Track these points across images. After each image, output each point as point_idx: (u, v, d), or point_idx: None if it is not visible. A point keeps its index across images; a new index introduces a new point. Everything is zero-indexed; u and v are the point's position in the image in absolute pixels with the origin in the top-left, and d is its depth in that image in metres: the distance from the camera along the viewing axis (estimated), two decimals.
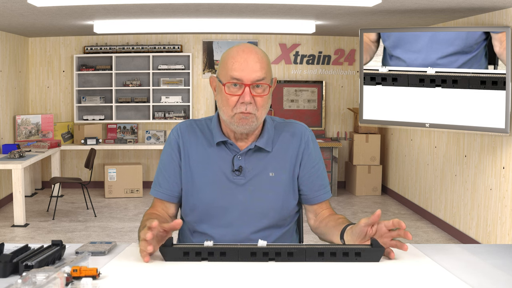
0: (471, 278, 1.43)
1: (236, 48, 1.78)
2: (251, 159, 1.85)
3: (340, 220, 1.82)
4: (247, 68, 1.72)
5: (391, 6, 4.67)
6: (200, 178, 1.85)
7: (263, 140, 1.85)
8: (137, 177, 7.40)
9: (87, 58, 7.71)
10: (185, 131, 1.91)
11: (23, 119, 7.23)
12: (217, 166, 1.85)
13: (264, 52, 1.80)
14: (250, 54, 1.74)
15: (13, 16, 5.34)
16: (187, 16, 5.74)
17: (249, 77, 1.72)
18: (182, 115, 7.78)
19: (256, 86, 1.74)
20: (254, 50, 1.76)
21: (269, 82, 1.78)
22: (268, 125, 1.89)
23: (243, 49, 1.76)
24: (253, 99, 1.74)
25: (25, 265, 1.39)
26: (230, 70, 1.74)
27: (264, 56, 1.77)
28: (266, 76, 1.75)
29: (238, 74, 1.72)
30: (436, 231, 5.84)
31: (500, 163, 4.67)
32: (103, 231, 5.73)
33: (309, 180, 1.90)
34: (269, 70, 1.78)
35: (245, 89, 1.73)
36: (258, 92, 1.75)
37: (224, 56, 1.79)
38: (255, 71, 1.73)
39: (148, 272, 1.46)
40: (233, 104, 1.75)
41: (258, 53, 1.76)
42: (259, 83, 1.73)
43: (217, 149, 1.86)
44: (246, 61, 1.73)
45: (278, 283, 1.40)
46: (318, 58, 7.90)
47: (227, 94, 1.75)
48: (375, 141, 7.53)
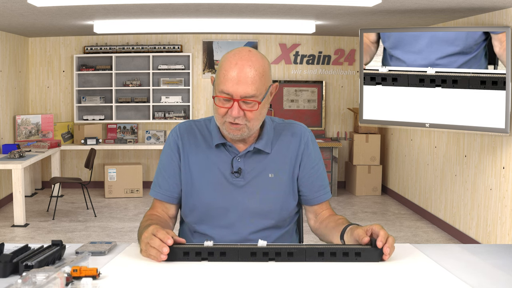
0: (471, 278, 1.43)
1: (232, 58, 1.71)
2: (250, 160, 1.84)
3: (340, 221, 1.82)
4: (237, 84, 1.67)
5: (391, 6, 4.67)
6: (200, 179, 1.85)
7: (263, 142, 1.85)
8: (137, 177, 7.40)
9: (87, 58, 7.71)
10: (184, 132, 1.90)
11: (23, 119, 7.23)
12: (216, 168, 1.84)
13: (262, 60, 1.73)
14: (244, 68, 1.68)
15: (13, 16, 5.34)
16: (187, 16, 5.74)
17: (238, 93, 1.68)
18: (182, 115, 7.77)
19: (245, 102, 1.70)
20: (249, 62, 1.69)
21: (260, 98, 1.72)
22: (268, 126, 1.88)
23: (237, 61, 1.69)
24: (243, 112, 1.71)
25: (25, 265, 1.39)
26: (222, 84, 1.69)
27: (260, 68, 1.70)
28: (257, 92, 1.70)
29: (227, 89, 1.68)
30: (436, 231, 5.84)
31: (500, 163, 4.67)
32: (103, 231, 5.73)
33: (308, 181, 1.89)
34: (261, 84, 1.71)
35: (234, 104, 1.69)
36: (248, 107, 1.71)
37: (221, 62, 1.74)
38: (245, 88, 1.68)
39: (148, 272, 1.47)
40: (222, 113, 1.73)
41: (253, 66, 1.69)
42: (248, 100, 1.69)
43: (216, 151, 1.85)
44: (238, 76, 1.68)
45: (278, 283, 1.40)
46: (318, 58, 7.90)
47: (216, 105, 1.73)
48: (375, 141, 7.53)
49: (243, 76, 1.68)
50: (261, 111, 1.75)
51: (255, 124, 1.76)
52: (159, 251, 1.53)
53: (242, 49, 1.74)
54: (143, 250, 1.58)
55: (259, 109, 1.73)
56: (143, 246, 1.58)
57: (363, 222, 6.18)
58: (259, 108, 1.72)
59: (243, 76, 1.68)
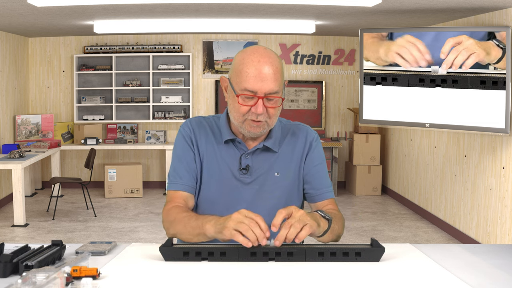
0: (471, 278, 1.43)
1: (252, 56, 1.72)
2: (258, 158, 1.86)
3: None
4: (261, 81, 1.70)
5: (391, 6, 4.67)
6: (207, 174, 1.86)
7: (271, 140, 1.87)
8: (137, 177, 7.40)
9: (87, 58, 7.71)
10: (196, 127, 1.91)
11: (23, 119, 7.23)
12: (225, 164, 1.85)
13: (277, 57, 1.76)
14: (265, 65, 1.70)
15: (13, 16, 5.34)
16: (187, 16, 5.74)
17: (263, 90, 1.70)
18: (182, 115, 7.78)
19: (269, 99, 1.73)
20: (269, 60, 1.72)
21: (282, 94, 1.76)
22: (276, 126, 1.90)
23: (259, 59, 1.71)
24: (266, 109, 1.74)
25: (25, 265, 1.39)
26: (245, 82, 1.71)
27: (279, 65, 1.74)
28: (279, 89, 1.74)
29: (252, 87, 1.70)
30: (436, 231, 5.84)
31: (500, 163, 4.67)
32: (103, 231, 5.73)
33: (312, 178, 1.91)
34: (282, 80, 1.75)
35: (258, 101, 1.71)
36: (271, 104, 1.74)
37: (239, 62, 1.75)
38: (269, 84, 1.70)
39: (148, 272, 1.46)
40: (244, 111, 1.74)
41: (273, 64, 1.72)
42: (272, 96, 1.72)
43: (225, 147, 1.87)
44: (261, 74, 1.70)
45: (278, 283, 1.40)
46: (318, 58, 7.90)
47: (239, 104, 1.74)
48: (375, 141, 7.53)
49: (266, 73, 1.71)
50: (280, 108, 1.79)
51: (274, 120, 1.79)
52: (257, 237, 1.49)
53: (258, 48, 1.76)
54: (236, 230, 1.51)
55: (280, 106, 1.77)
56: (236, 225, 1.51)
57: (363, 222, 6.18)
58: (280, 106, 1.77)
59: (266, 73, 1.71)
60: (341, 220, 1.83)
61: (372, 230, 5.87)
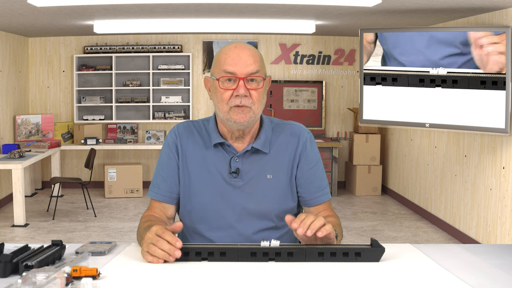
0: (471, 278, 1.43)
1: (228, 45, 1.79)
2: (248, 161, 1.83)
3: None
4: (240, 62, 1.73)
5: (391, 6, 4.67)
6: (197, 180, 1.84)
7: (260, 141, 1.84)
8: (137, 177, 7.40)
9: (87, 58, 7.71)
10: (183, 133, 1.89)
11: (23, 119, 7.23)
12: (215, 168, 1.83)
13: (256, 49, 1.82)
14: (243, 50, 1.76)
15: (13, 16, 5.34)
16: (187, 16, 5.74)
17: (242, 71, 1.72)
18: (182, 115, 7.77)
19: (251, 80, 1.74)
20: (246, 46, 1.78)
21: (263, 75, 1.77)
22: (266, 126, 1.87)
23: (235, 45, 1.77)
24: (248, 92, 1.74)
25: (25, 265, 1.39)
26: (223, 65, 1.74)
27: (256, 52, 1.79)
28: (260, 69, 1.76)
29: (232, 68, 1.73)
30: (436, 231, 5.84)
31: (500, 163, 4.67)
32: (103, 231, 5.73)
33: (306, 182, 1.87)
34: (262, 64, 1.78)
35: (239, 82, 1.72)
36: (253, 86, 1.74)
37: (217, 54, 1.80)
38: (249, 65, 1.73)
39: (148, 272, 1.46)
40: (227, 98, 1.74)
41: (250, 49, 1.77)
42: (253, 76, 1.73)
43: (214, 151, 1.85)
44: (239, 56, 1.74)
45: (278, 283, 1.40)
46: (318, 58, 7.90)
47: (221, 89, 1.74)
48: (375, 141, 7.53)
49: (244, 55, 1.75)
50: (264, 93, 1.79)
51: (259, 108, 1.78)
52: (169, 254, 1.50)
53: (235, 42, 1.84)
54: (146, 251, 1.53)
55: (263, 89, 1.77)
56: (146, 247, 1.53)
57: (363, 222, 6.18)
58: (263, 87, 1.77)
59: (244, 55, 1.74)
60: (340, 226, 1.82)
61: (372, 230, 5.87)
